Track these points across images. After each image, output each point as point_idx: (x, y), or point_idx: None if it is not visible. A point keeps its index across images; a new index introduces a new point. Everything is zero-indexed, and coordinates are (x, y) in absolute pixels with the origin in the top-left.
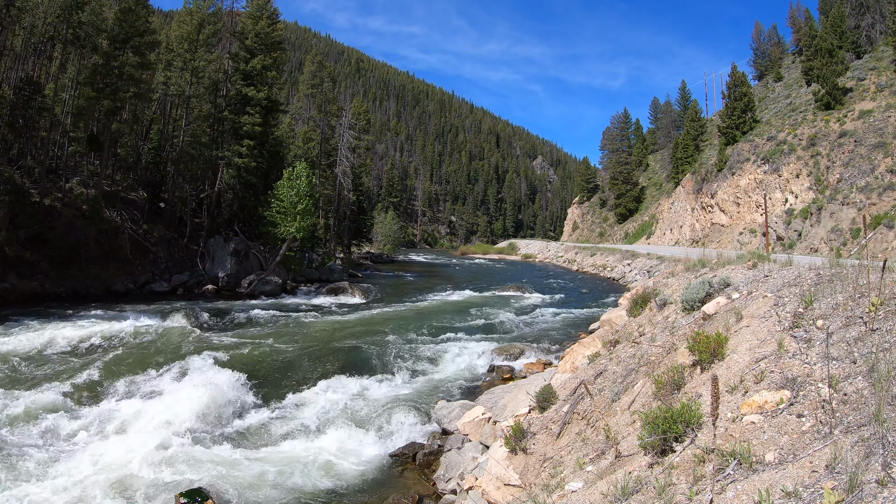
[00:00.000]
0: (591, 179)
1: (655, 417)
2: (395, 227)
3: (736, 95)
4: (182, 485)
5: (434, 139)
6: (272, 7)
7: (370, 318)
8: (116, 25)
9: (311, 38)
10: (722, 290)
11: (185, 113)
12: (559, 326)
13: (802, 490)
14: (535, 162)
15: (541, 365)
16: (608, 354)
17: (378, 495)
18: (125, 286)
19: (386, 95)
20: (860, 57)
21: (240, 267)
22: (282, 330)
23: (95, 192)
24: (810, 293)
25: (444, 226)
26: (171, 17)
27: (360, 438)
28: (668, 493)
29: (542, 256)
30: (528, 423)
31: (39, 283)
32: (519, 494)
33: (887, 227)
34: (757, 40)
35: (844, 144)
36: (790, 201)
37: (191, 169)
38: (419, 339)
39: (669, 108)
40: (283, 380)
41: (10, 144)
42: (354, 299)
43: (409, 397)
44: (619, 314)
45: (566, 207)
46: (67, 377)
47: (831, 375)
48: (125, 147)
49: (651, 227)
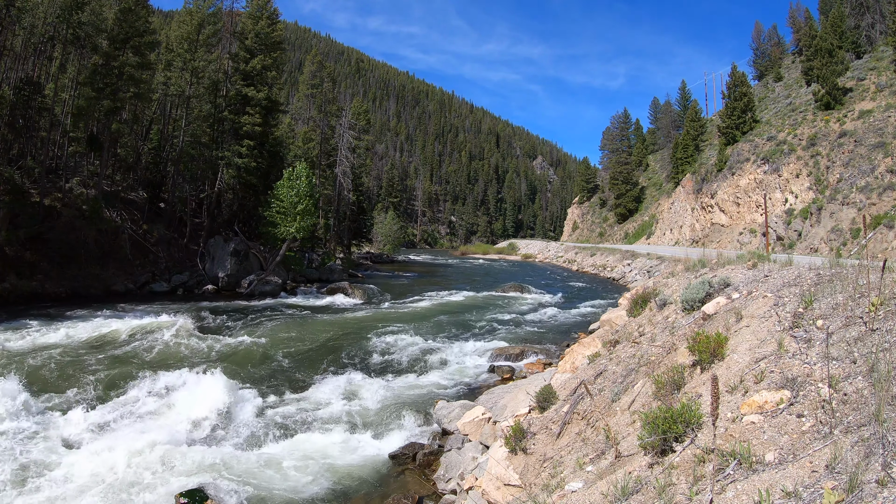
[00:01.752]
0: (590, 179)
1: (655, 417)
2: (394, 228)
3: (736, 95)
4: (182, 484)
5: (434, 139)
6: (272, 7)
7: (370, 319)
8: (116, 25)
9: (311, 38)
10: (722, 290)
11: (185, 113)
12: (559, 326)
13: (802, 490)
14: (535, 162)
15: (541, 365)
16: (608, 354)
17: (378, 495)
18: (125, 286)
19: (386, 95)
20: (860, 57)
21: (240, 267)
22: (281, 330)
23: (95, 192)
24: (810, 293)
25: (444, 226)
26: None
27: (359, 438)
28: (668, 493)
29: (542, 256)
30: (528, 423)
31: (39, 283)
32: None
33: (887, 227)
34: (757, 40)
35: (844, 144)
36: (790, 201)
37: (191, 169)
38: (419, 339)
39: (669, 108)
40: (282, 380)
41: (10, 144)
42: (354, 299)
43: (408, 397)
44: (619, 314)
45: (566, 207)
46: (67, 377)
47: (831, 375)
48: (125, 147)
49: (651, 227)
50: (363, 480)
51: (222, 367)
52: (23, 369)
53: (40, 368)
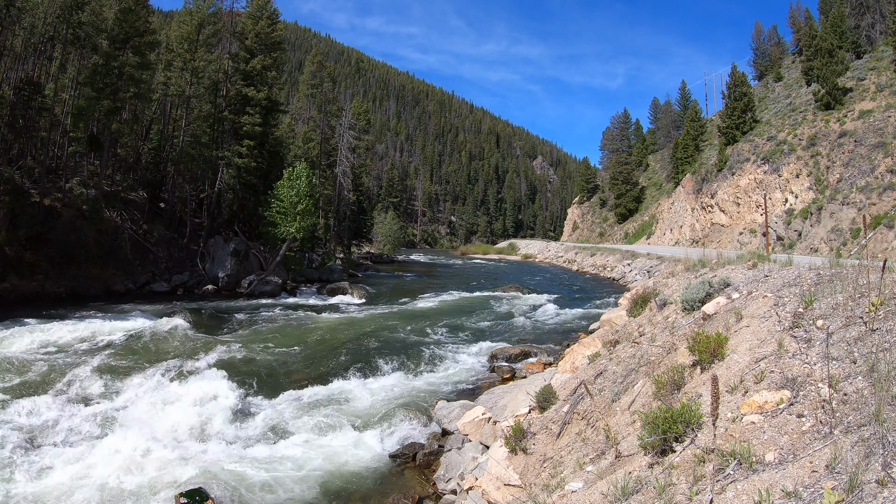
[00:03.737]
0: (591, 179)
1: (655, 417)
2: (395, 228)
3: (736, 95)
4: (182, 484)
5: (434, 139)
6: (272, 7)
7: (370, 319)
8: (116, 25)
9: (311, 38)
10: (722, 290)
11: (185, 113)
12: (559, 326)
13: (802, 490)
14: (535, 162)
15: (541, 365)
16: (608, 354)
17: (378, 495)
18: (125, 286)
19: (386, 95)
20: (860, 57)
21: (240, 267)
22: (281, 330)
23: (95, 192)
24: (810, 293)
25: (444, 226)
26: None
27: (359, 438)
28: (668, 493)
29: (542, 256)
30: (528, 423)
31: (39, 283)
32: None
33: (887, 227)
34: (757, 40)
35: (844, 144)
36: (790, 201)
37: (191, 169)
38: (419, 339)
39: (669, 108)
40: (282, 380)
41: (10, 144)
42: (354, 299)
43: (409, 397)
44: (619, 314)
45: (566, 207)
46: (67, 378)
47: (831, 375)
48: (125, 147)
49: (651, 227)
50: (363, 480)
51: (222, 366)
52: (21, 369)
53: (39, 368)
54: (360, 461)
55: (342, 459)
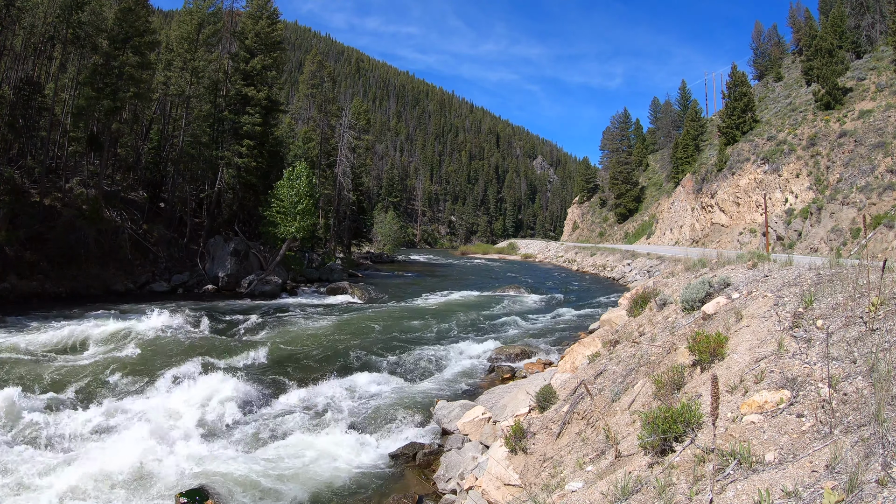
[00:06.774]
0: (591, 179)
1: (655, 417)
2: (394, 227)
3: (736, 95)
4: (182, 485)
5: (434, 139)
6: (272, 7)
7: (370, 318)
8: (116, 25)
9: (311, 37)
10: (722, 289)
11: (185, 113)
12: (559, 326)
13: (802, 490)
14: (535, 162)
15: (541, 365)
16: (608, 354)
17: (378, 495)
18: (125, 286)
19: (386, 95)
20: (860, 57)
21: (240, 267)
22: (281, 330)
23: (95, 192)
24: (810, 293)
25: (444, 226)
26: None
27: (359, 438)
28: (668, 493)
29: (542, 256)
30: (528, 423)
31: (39, 283)
32: (519, 494)
33: (887, 227)
34: (757, 40)
35: (844, 144)
36: (790, 201)
37: (191, 169)
38: (419, 339)
39: (669, 108)
40: (282, 380)
41: (10, 144)
42: (354, 299)
43: (409, 397)
44: (619, 314)
45: (566, 207)
46: (66, 378)
47: (831, 375)
48: (125, 147)
49: (651, 227)
50: (363, 480)
51: (222, 366)
52: (21, 369)
53: (39, 369)
54: (359, 460)
55: (342, 458)
